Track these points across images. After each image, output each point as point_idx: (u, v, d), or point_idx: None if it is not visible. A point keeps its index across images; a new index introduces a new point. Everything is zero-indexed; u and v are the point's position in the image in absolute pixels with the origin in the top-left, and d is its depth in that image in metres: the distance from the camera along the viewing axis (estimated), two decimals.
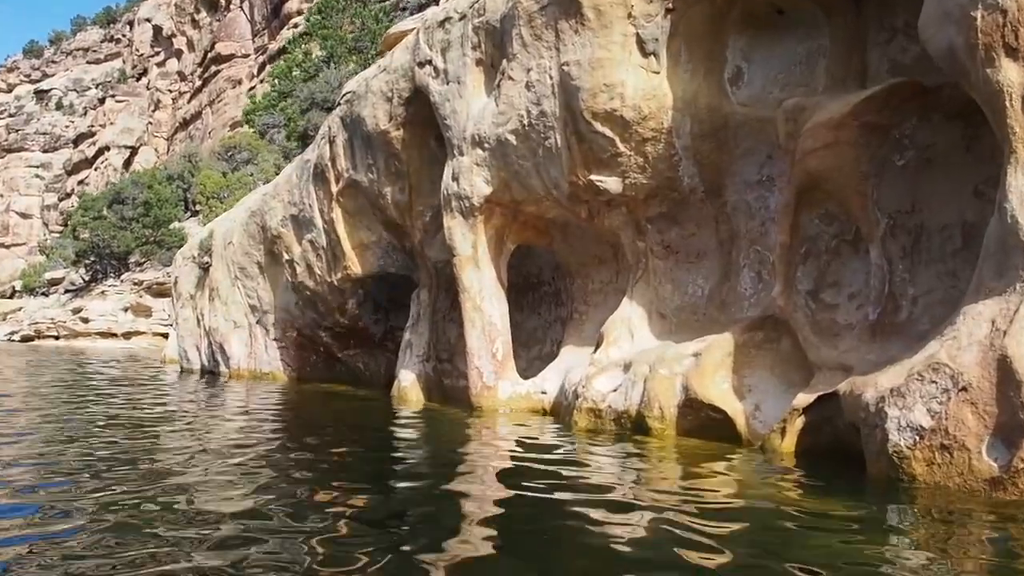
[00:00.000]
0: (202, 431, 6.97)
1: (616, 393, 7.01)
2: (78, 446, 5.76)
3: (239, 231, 13.65)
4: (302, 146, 16.12)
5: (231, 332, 14.18)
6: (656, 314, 7.59)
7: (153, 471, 4.85)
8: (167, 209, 44.17)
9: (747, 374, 6.36)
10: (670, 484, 4.89)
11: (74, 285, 50.47)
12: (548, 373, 8.45)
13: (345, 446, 6.43)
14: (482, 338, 8.33)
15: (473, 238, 8.33)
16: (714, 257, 7.37)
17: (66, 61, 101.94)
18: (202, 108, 73.52)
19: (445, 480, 4.85)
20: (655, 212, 7.58)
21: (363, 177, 10.25)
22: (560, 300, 9.43)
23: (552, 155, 7.54)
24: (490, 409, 8.25)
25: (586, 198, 7.65)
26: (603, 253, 8.50)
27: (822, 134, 5.78)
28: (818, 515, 3.92)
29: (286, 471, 5.08)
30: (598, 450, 6.05)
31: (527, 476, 4.91)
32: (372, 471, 5.29)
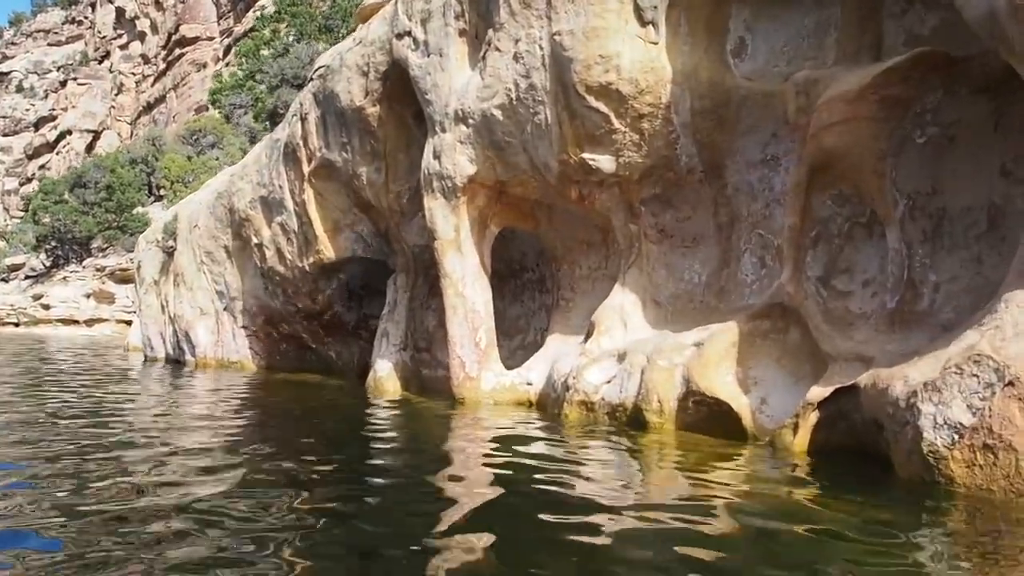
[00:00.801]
0: (165, 426, 6.45)
1: (610, 385, 6.59)
2: (30, 447, 5.23)
3: (205, 214, 13.04)
4: (271, 126, 15.48)
5: (197, 319, 13.57)
6: (650, 302, 7.18)
7: (115, 470, 4.44)
8: (130, 193, 43.08)
9: (752, 365, 5.97)
10: (671, 483, 4.49)
11: (35, 271, 49.18)
12: (534, 363, 8.02)
13: (317, 440, 5.96)
14: (464, 326, 7.87)
15: (455, 220, 7.86)
16: (712, 242, 6.97)
17: (26, 43, 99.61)
18: (166, 92, 72.27)
19: (425, 477, 4.48)
20: (649, 193, 7.16)
21: (337, 156, 9.71)
22: (545, 287, 8.99)
23: (541, 132, 7.08)
24: (473, 401, 7.80)
25: (577, 178, 7.20)
26: (592, 237, 8.06)
27: (838, 108, 5.38)
28: (839, 520, 3.55)
29: (254, 467, 4.66)
30: (591, 445, 5.64)
31: (515, 474, 4.55)
32: (346, 466, 4.85)
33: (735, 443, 5.64)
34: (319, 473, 4.54)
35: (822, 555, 3.03)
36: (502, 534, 3.27)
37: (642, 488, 4.31)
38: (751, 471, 4.86)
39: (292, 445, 5.65)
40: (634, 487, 4.34)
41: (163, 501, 3.70)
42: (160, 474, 4.40)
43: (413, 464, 5.01)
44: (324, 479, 4.42)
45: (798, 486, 4.36)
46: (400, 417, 7.46)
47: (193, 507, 3.57)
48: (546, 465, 4.76)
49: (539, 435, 6.09)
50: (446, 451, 5.54)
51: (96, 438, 5.53)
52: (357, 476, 4.55)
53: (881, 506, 3.83)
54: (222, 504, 3.65)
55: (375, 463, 5.08)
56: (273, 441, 5.78)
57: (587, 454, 5.33)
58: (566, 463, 4.89)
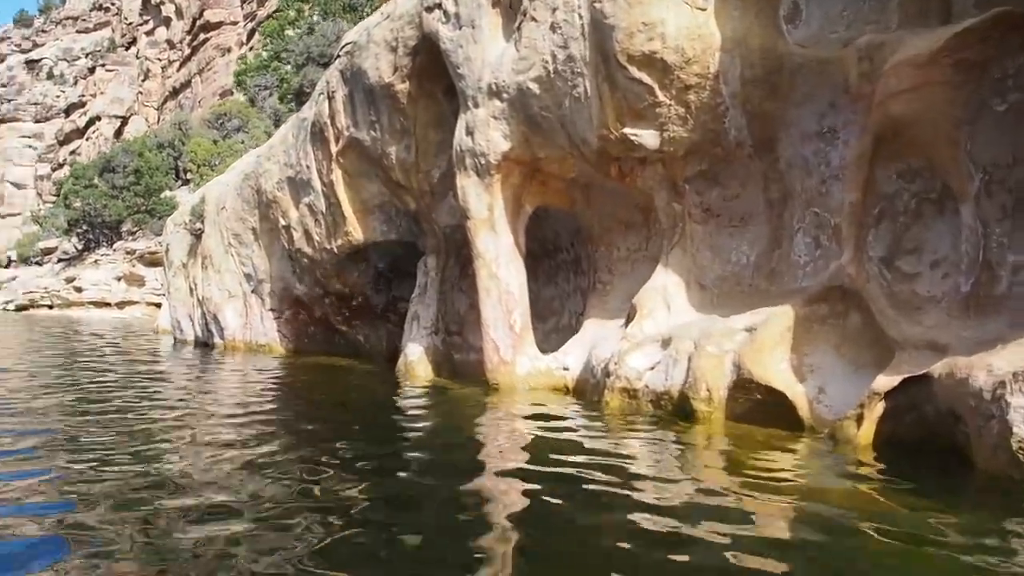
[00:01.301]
0: (193, 411, 6.20)
1: (654, 372, 6.24)
2: (63, 438, 4.99)
3: (232, 196, 12.79)
4: (297, 107, 15.17)
5: (225, 302, 13.36)
6: (695, 284, 6.80)
7: (144, 453, 4.36)
8: (158, 177, 43.17)
9: (808, 352, 5.59)
10: (724, 479, 4.14)
11: (67, 254, 49.60)
12: (570, 347, 7.68)
13: (347, 427, 5.69)
14: (498, 308, 7.54)
15: (489, 199, 7.51)
16: (761, 221, 6.57)
17: (56, 31, 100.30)
18: (191, 77, 72.36)
19: (459, 469, 4.21)
20: (694, 170, 6.77)
21: (365, 135, 9.39)
22: (580, 268, 8.63)
23: (580, 105, 6.70)
24: (507, 386, 7.49)
25: (617, 154, 6.82)
26: (632, 217, 7.69)
27: (908, 74, 4.96)
28: (917, 522, 3.22)
29: (283, 452, 4.49)
30: (635, 437, 5.31)
31: (555, 467, 4.25)
32: (376, 457, 4.57)
33: (790, 435, 5.28)
34: (348, 464, 4.26)
35: (906, 566, 2.68)
36: (541, 535, 3.03)
37: (692, 484, 3.97)
38: (811, 465, 4.51)
39: (321, 433, 5.38)
40: (683, 483, 3.99)
41: (189, 484, 3.60)
42: (186, 459, 4.22)
43: (446, 457, 4.71)
44: (354, 470, 4.15)
45: (866, 482, 4.01)
46: (432, 404, 7.17)
47: (220, 492, 3.47)
48: (588, 459, 4.45)
49: (579, 424, 5.76)
50: (481, 442, 5.22)
51: (127, 423, 5.29)
52: (387, 468, 4.26)
53: (967, 507, 3.48)
54: (251, 489, 3.53)
55: (407, 454, 4.77)
56: (302, 429, 5.52)
57: (631, 446, 5.00)
58: (609, 456, 4.57)
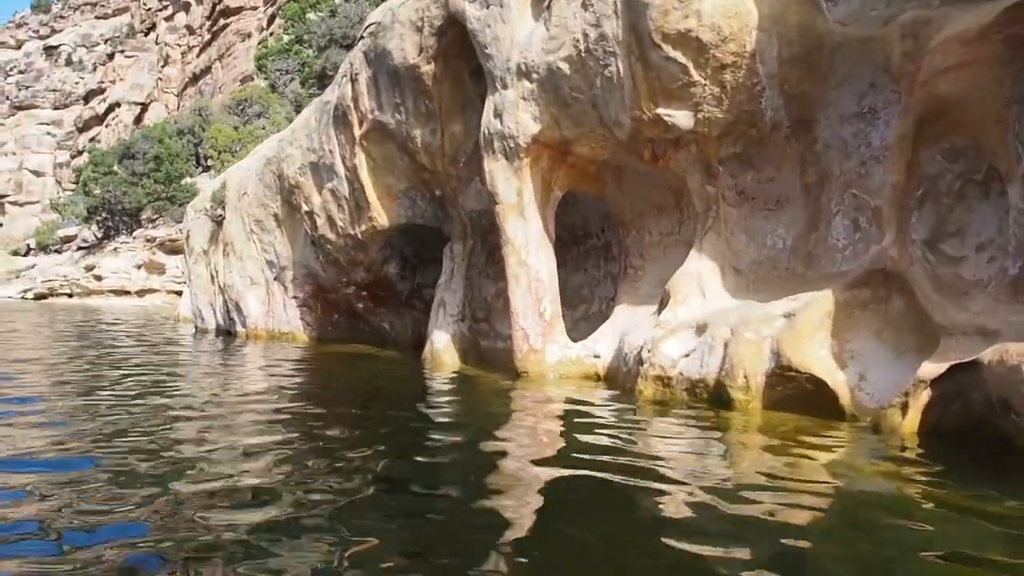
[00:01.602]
0: (218, 401, 6.14)
1: (689, 359, 6.12)
2: (89, 430, 4.93)
3: (254, 181, 12.72)
4: (319, 90, 15.06)
5: (247, 289, 13.32)
6: (729, 269, 6.67)
7: (165, 443, 4.26)
8: (178, 164, 43.25)
9: (850, 338, 5.45)
10: (764, 469, 4.00)
11: (87, 242, 49.85)
12: (601, 335, 7.57)
13: (373, 420, 5.58)
14: (528, 296, 7.44)
15: (518, 183, 7.40)
16: (798, 204, 6.42)
17: (74, 16, 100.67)
18: (211, 63, 72.46)
19: (489, 461, 4.10)
20: (729, 152, 6.62)
21: (389, 118, 9.28)
22: (610, 254, 8.51)
23: (612, 86, 6.57)
24: (537, 375, 7.39)
25: (650, 136, 6.69)
26: (663, 201, 7.55)
27: (955, 50, 4.81)
28: (967, 516, 3.10)
29: (308, 441, 4.44)
30: (670, 426, 5.19)
31: (589, 456, 4.14)
32: (404, 449, 4.45)
33: (831, 423, 5.15)
34: (375, 457, 4.15)
35: (966, 562, 2.57)
36: (575, 527, 2.94)
37: (729, 475, 3.85)
38: (854, 455, 4.37)
39: (347, 423, 5.29)
40: (719, 474, 3.87)
41: (214, 472, 3.55)
42: (211, 450, 4.12)
43: (476, 447, 4.57)
44: (381, 463, 4.04)
45: (912, 474, 3.88)
46: (461, 393, 7.07)
47: (241, 484, 3.40)
48: (623, 447, 4.36)
49: (612, 413, 5.65)
50: (512, 433, 5.10)
51: (149, 412, 5.23)
52: (416, 462, 4.14)
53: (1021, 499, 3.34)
54: (275, 481, 3.46)
55: (435, 444, 4.66)
56: (327, 419, 5.42)
57: (667, 435, 4.89)
58: (645, 446, 4.48)
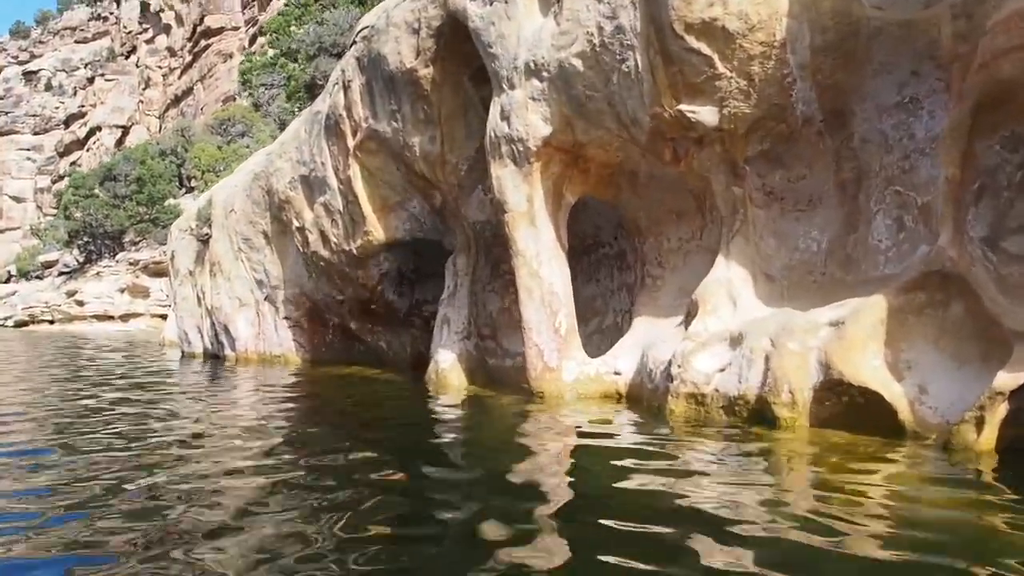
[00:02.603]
0: (204, 440, 5.61)
1: (725, 373, 5.64)
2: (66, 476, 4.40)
3: (241, 197, 12.19)
4: (310, 100, 14.54)
5: (236, 311, 12.76)
6: (761, 275, 6.20)
7: (154, 483, 3.85)
8: (161, 185, 42.61)
9: (904, 347, 4.97)
10: (819, 499, 3.52)
11: (68, 267, 49.04)
12: (620, 350, 7.08)
13: (376, 447, 5.05)
14: (541, 310, 6.94)
15: (528, 190, 6.91)
16: (832, 203, 5.98)
17: (54, 41, 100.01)
18: (193, 84, 72.04)
19: (512, 504, 3.56)
20: (756, 150, 6.17)
21: (385, 127, 8.79)
22: (625, 263, 8.03)
23: (630, 82, 6.11)
24: (553, 395, 6.88)
25: (672, 135, 6.23)
26: (683, 205, 7.08)
27: (1019, 28, 4.36)
28: None
29: (306, 476, 3.97)
30: (709, 450, 4.70)
31: (624, 487, 3.71)
32: (414, 487, 3.95)
33: (890, 441, 4.68)
34: (381, 498, 3.63)
35: None
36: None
37: (780, 507, 3.35)
38: (926, 479, 3.89)
39: (347, 455, 4.76)
40: (768, 505, 3.38)
41: (197, 529, 3.11)
42: (197, 499, 3.60)
43: (494, 485, 4.03)
44: (385, 498, 3.54)
45: (995, 500, 3.41)
46: (471, 418, 6.54)
47: (229, 535, 3.03)
48: (661, 479, 3.88)
49: (644, 438, 5.16)
50: (533, 463, 4.56)
51: (130, 452, 4.69)
52: (425, 500, 3.64)
53: None
54: (262, 526, 3.12)
55: (447, 480, 4.15)
56: (326, 450, 4.90)
57: (708, 463, 4.38)
58: (685, 476, 3.98)
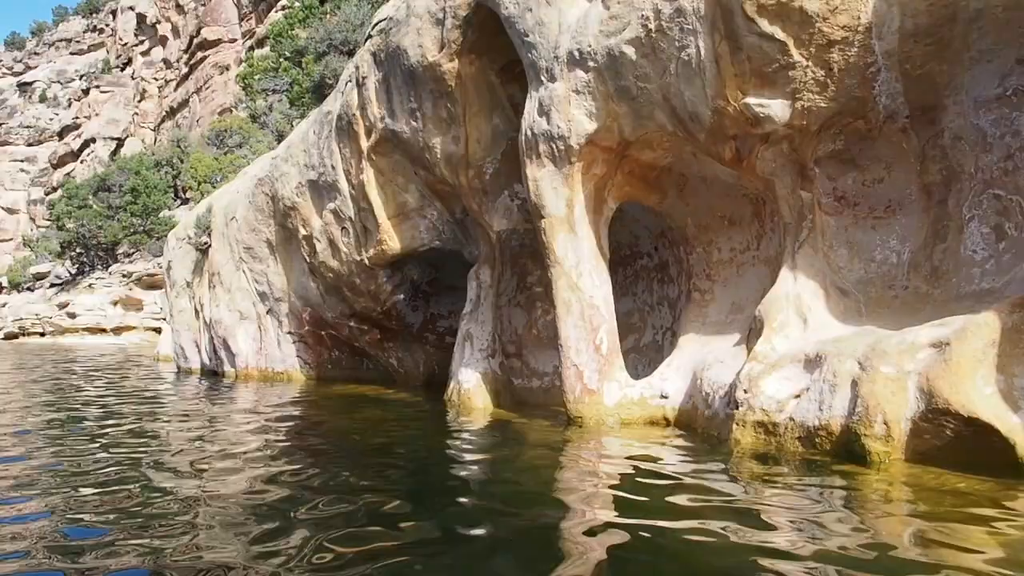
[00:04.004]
0: (198, 475, 4.91)
1: (802, 400, 4.96)
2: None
3: (244, 204, 11.50)
4: (316, 102, 13.85)
5: (237, 325, 12.04)
6: (833, 290, 5.54)
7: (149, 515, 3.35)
8: (156, 196, 41.86)
9: (1019, 373, 4.31)
10: (932, 559, 2.86)
11: (60, 279, 48.19)
12: (667, 371, 6.41)
13: (392, 488, 4.34)
14: (581, 326, 6.27)
15: (568, 193, 6.25)
16: (915, 209, 5.36)
17: (49, 52, 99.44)
18: (189, 96, 71.47)
19: (553, 546, 3.03)
20: (827, 150, 5.54)
21: (403, 126, 8.13)
22: (666, 275, 7.36)
23: (690, 72, 5.46)
24: (593, 420, 6.20)
25: (734, 132, 5.58)
26: (737, 211, 6.43)
27: None
28: None
29: (315, 514, 3.42)
30: (782, 488, 4.05)
31: (694, 540, 3.10)
32: (436, 536, 3.28)
33: (1006, 482, 4.00)
34: (400, 538, 2.96)
35: None
36: None
37: (881, 567, 2.72)
38: None
39: (361, 489, 4.08)
40: (867, 564, 2.73)
41: None
42: (189, 543, 3.04)
43: (532, 526, 3.38)
44: (409, 543, 2.88)
45: None
46: (502, 448, 5.79)
47: None
48: (730, 524, 3.28)
49: (702, 472, 4.48)
50: (579, 504, 3.87)
51: (123, 484, 4.00)
52: (458, 555, 2.96)
53: None
54: None
55: (480, 534, 3.45)
56: (336, 484, 4.22)
57: (784, 504, 3.73)
58: (757, 521, 3.37)
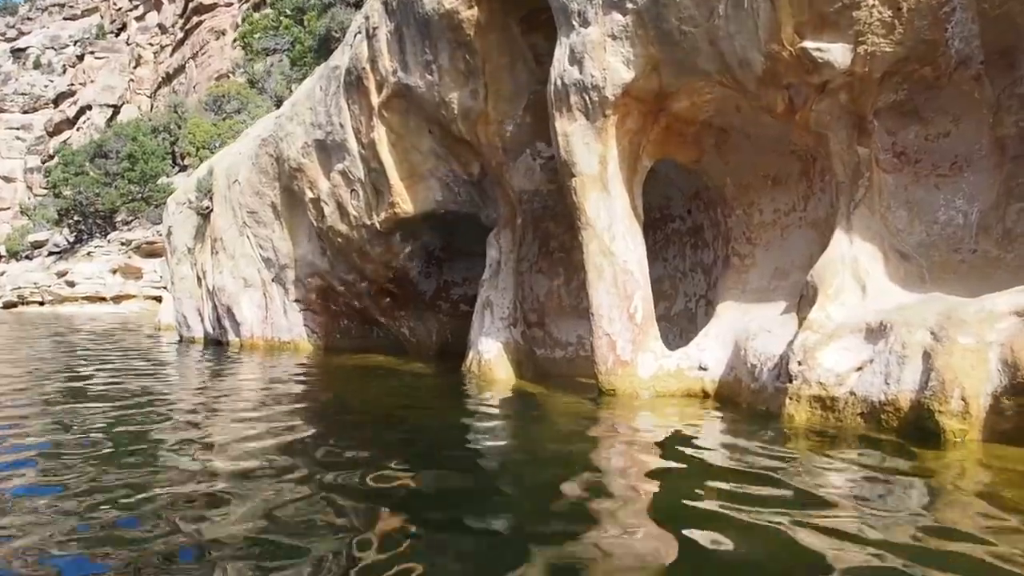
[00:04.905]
0: (203, 454, 4.50)
1: (865, 373, 4.54)
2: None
3: (247, 166, 11.02)
4: (320, 61, 13.29)
5: (241, 292, 11.60)
6: (893, 253, 5.11)
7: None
8: (153, 163, 41.23)
9: None
10: None
11: (58, 247, 47.70)
12: (705, 340, 5.99)
13: (414, 462, 3.95)
14: (614, 292, 5.84)
15: (601, 149, 5.79)
16: (985, 166, 4.91)
17: (42, 18, 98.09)
18: (185, 62, 70.53)
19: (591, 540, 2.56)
20: (888, 100, 5.09)
21: (417, 80, 7.64)
22: (701, 240, 6.93)
23: (742, 14, 4.98)
24: (627, 392, 5.81)
25: (789, 80, 5.11)
26: (783, 169, 5.98)
27: None
28: None
29: (325, 498, 3.16)
30: (845, 470, 3.66)
31: (739, 526, 2.76)
32: (467, 513, 2.90)
33: None
34: (419, 527, 2.56)
35: None
36: None
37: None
38: None
39: (377, 470, 3.68)
40: None
41: None
42: (183, 520, 2.80)
43: (566, 514, 2.98)
44: (431, 535, 2.47)
45: None
46: (529, 424, 5.39)
47: None
48: (791, 512, 2.89)
49: (753, 452, 4.07)
50: (619, 489, 3.47)
51: (124, 467, 3.59)
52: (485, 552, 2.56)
53: None
54: None
55: (509, 530, 3.05)
56: (350, 463, 3.81)
57: (849, 489, 3.35)
58: (821, 506, 2.99)
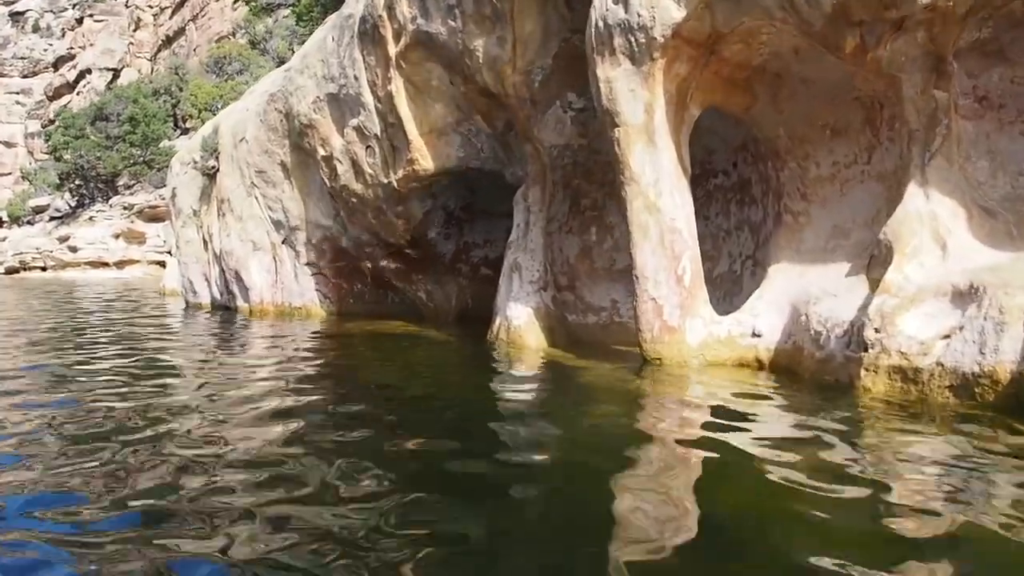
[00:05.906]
0: (212, 427, 4.08)
1: (954, 341, 4.09)
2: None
3: (255, 123, 10.50)
4: (329, 12, 12.69)
5: (249, 256, 11.13)
6: (976, 209, 4.63)
7: None
8: (155, 125, 40.58)
9: None
10: None
11: (60, 212, 47.19)
12: (758, 304, 5.54)
13: (442, 440, 3.54)
14: (660, 253, 5.38)
15: (647, 97, 5.29)
16: None
17: None
18: (185, 24, 69.60)
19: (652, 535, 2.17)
20: (970, 40, 4.60)
21: (439, 27, 7.11)
22: (748, 196, 6.44)
23: None
24: (675, 361, 5.38)
25: (861, 17, 4.59)
26: (843, 119, 5.47)
27: None
28: None
29: (348, 483, 2.81)
30: (932, 450, 3.28)
31: (816, 518, 2.43)
32: (500, 500, 2.48)
33: None
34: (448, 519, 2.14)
35: None
36: None
37: None
38: None
39: (401, 451, 3.28)
40: None
41: None
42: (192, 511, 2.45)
43: (619, 508, 2.57)
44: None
45: None
46: (567, 395, 4.94)
47: None
48: (873, 490, 2.59)
49: (832, 429, 3.64)
50: (684, 478, 3.07)
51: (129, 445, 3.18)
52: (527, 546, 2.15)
53: None
54: None
55: (551, 519, 2.63)
56: (370, 443, 3.40)
57: (931, 472, 2.96)
58: (911, 492, 2.59)
